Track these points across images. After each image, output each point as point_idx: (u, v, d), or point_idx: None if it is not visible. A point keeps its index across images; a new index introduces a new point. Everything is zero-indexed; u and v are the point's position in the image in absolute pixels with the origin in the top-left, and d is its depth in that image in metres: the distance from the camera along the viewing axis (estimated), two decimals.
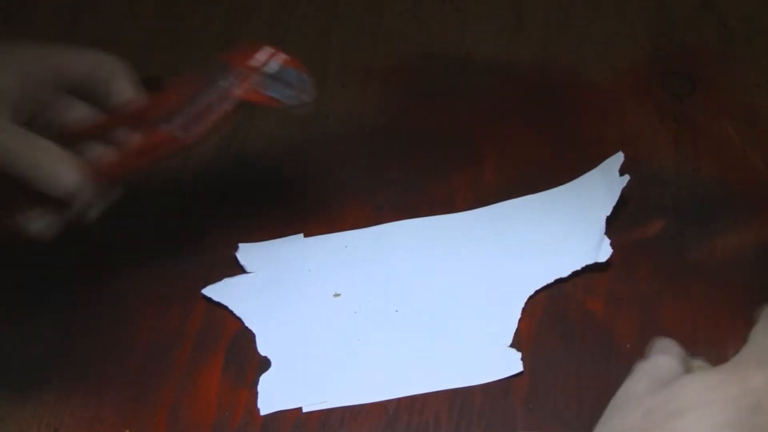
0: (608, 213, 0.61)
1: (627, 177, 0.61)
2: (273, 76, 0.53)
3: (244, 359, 0.58)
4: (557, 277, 0.59)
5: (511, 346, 0.56)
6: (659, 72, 0.74)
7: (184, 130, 0.52)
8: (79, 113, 0.55)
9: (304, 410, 0.55)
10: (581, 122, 0.70)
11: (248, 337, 0.58)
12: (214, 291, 0.61)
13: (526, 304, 0.59)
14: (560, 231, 0.62)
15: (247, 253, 0.63)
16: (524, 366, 0.55)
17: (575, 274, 0.59)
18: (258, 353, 0.58)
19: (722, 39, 0.76)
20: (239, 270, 0.62)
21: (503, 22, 0.80)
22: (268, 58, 0.53)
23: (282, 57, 0.53)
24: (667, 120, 0.70)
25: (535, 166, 0.67)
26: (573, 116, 0.71)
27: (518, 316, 0.58)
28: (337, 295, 0.60)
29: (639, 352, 0.56)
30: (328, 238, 0.64)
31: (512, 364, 0.55)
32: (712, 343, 0.56)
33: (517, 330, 0.57)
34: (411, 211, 0.65)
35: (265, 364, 0.57)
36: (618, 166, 0.62)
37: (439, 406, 0.54)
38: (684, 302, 0.59)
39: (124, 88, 0.54)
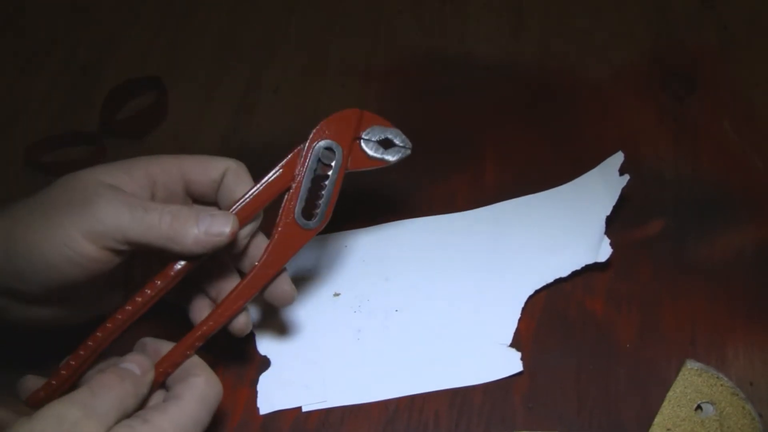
0: (608, 213, 0.61)
1: (627, 177, 0.61)
2: (375, 141, 0.53)
3: (244, 358, 0.58)
4: (557, 276, 0.59)
5: (511, 345, 0.57)
6: (659, 72, 0.74)
7: (314, 220, 0.51)
8: None
9: (304, 410, 0.55)
10: (581, 122, 0.70)
11: (248, 336, 0.58)
12: None
13: (526, 303, 0.59)
14: (560, 231, 0.62)
15: None
16: (524, 365, 0.55)
17: (575, 274, 0.59)
18: (257, 353, 0.58)
19: (722, 39, 0.76)
20: None
21: (503, 22, 0.80)
22: (364, 126, 0.53)
23: (375, 120, 0.53)
24: (667, 120, 0.70)
25: (535, 166, 0.67)
26: (573, 116, 0.71)
27: (518, 315, 0.58)
28: (336, 294, 0.60)
29: (639, 352, 0.56)
30: (328, 238, 0.64)
31: (512, 363, 0.55)
32: (712, 342, 0.56)
33: (517, 330, 0.57)
34: (411, 210, 0.65)
35: (264, 363, 0.57)
36: (618, 166, 0.62)
37: (438, 406, 0.54)
38: (684, 302, 0.59)
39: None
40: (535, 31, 0.79)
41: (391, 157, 0.53)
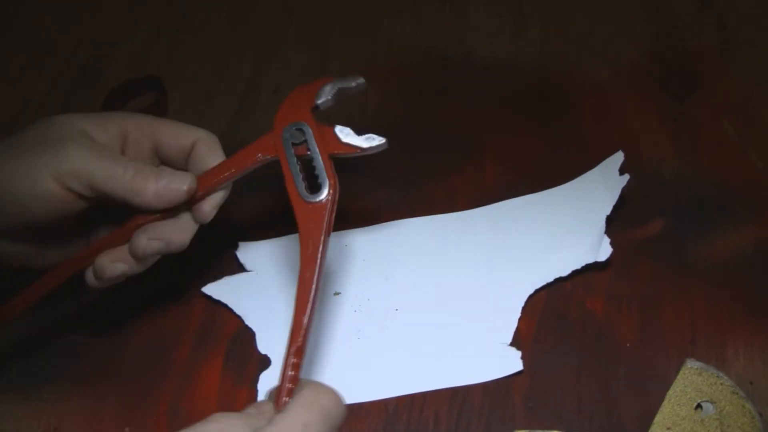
0: (608, 212, 0.61)
1: (627, 176, 0.61)
2: (350, 129, 0.53)
3: (244, 357, 0.58)
4: (557, 276, 0.59)
5: (511, 344, 0.57)
6: (659, 72, 0.74)
7: (322, 191, 0.51)
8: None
9: None
10: (581, 122, 0.70)
11: (248, 335, 0.58)
12: (214, 289, 0.61)
13: (526, 303, 0.59)
14: (560, 230, 0.62)
15: (246, 251, 0.63)
16: (524, 365, 0.55)
17: (575, 274, 0.59)
18: (258, 351, 0.58)
19: (722, 39, 0.76)
20: (239, 269, 0.62)
21: (503, 22, 0.80)
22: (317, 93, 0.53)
23: (323, 82, 0.54)
24: (667, 120, 0.70)
25: (535, 166, 0.67)
26: (573, 116, 0.71)
27: (518, 315, 0.58)
28: (337, 293, 0.60)
29: (639, 352, 0.56)
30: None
31: (512, 362, 0.56)
32: (712, 342, 0.56)
33: (517, 329, 0.57)
34: (411, 210, 0.65)
35: (264, 362, 0.57)
36: (618, 166, 0.62)
37: (439, 405, 0.54)
38: (684, 302, 0.59)
39: (218, 162, 0.54)
40: (535, 31, 0.79)
41: (363, 144, 0.52)
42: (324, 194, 0.51)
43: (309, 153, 0.52)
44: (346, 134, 0.52)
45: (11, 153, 0.50)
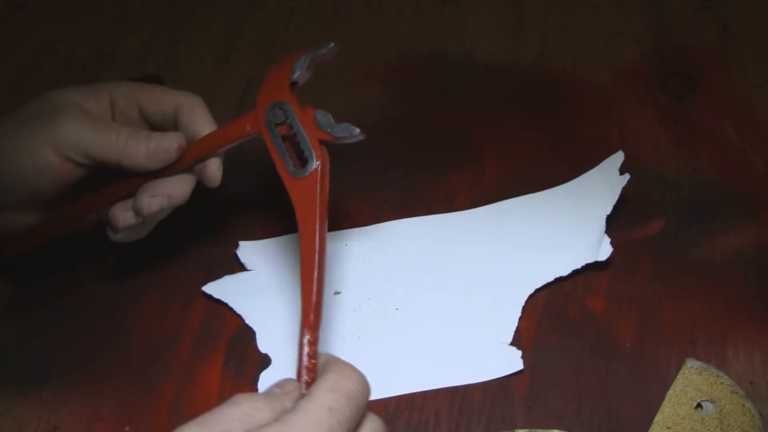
0: (608, 212, 0.61)
1: (627, 176, 0.61)
2: (329, 116, 0.52)
3: (244, 356, 0.58)
4: (557, 275, 0.59)
5: (511, 344, 0.56)
6: (659, 72, 0.74)
7: (309, 164, 0.51)
8: None
9: None
10: (581, 122, 0.71)
11: (248, 334, 0.58)
12: (215, 288, 0.61)
13: (526, 302, 0.59)
14: (560, 230, 0.62)
15: (247, 250, 0.63)
16: (524, 364, 0.55)
17: (575, 273, 0.59)
18: (258, 350, 0.58)
19: (722, 39, 0.76)
20: (239, 267, 0.62)
21: (503, 22, 0.80)
22: (291, 68, 0.53)
23: (295, 57, 0.53)
24: (667, 120, 0.70)
25: (535, 166, 0.67)
26: (573, 116, 0.71)
27: (518, 314, 0.58)
28: (337, 293, 0.60)
29: (639, 351, 0.56)
30: (329, 236, 0.63)
31: (512, 362, 0.55)
32: (712, 342, 0.56)
33: (517, 328, 0.57)
34: (411, 210, 0.65)
35: (265, 361, 0.57)
36: (618, 165, 0.62)
37: (439, 404, 0.54)
38: (684, 302, 0.59)
39: (204, 126, 0.56)
40: (536, 31, 0.79)
41: (338, 134, 0.51)
42: (312, 166, 0.50)
43: (293, 130, 0.51)
44: (324, 121, 0.51)
45: (9, 129, 0.53)
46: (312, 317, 0.48)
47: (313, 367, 0.46)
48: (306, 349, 0.47)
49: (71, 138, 0.52)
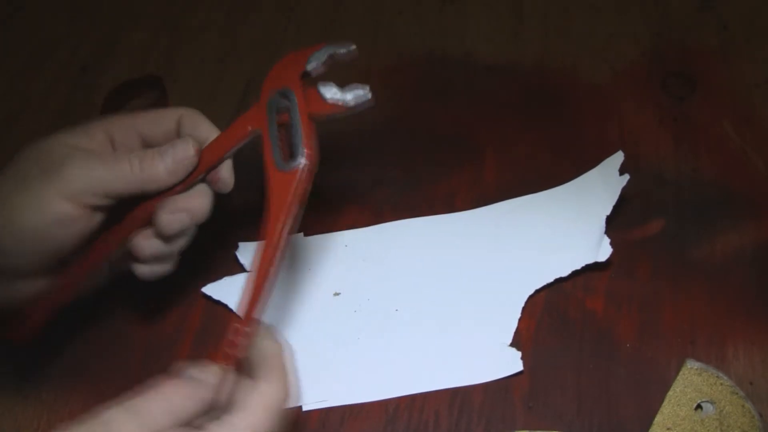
0: (608, 212, 0.61)
1: (627, 176, 0.61)
2: (334, 85, 0.51)
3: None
4: (557, 276, 0.59)
5: (511, 345, 0.57)
6: (659, 72, 0.74)
7: (297, 158, 0.50)
8: None
9: (304, 409, 0.55)
10: (581, 122, 0.70)
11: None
12: (214, 289, 0.61)
13: (526, 303, 0.59)
14: (560, 230, 0.62)
15: (247, 251, 0.63)
16: (524, 365, 0.55)
17: (575, 274, 0.59)
18: None
19: (722, 39, 0.76)
20: (239, 269, 0.62)
21: (503, 22, 0.80)
22: (306, 60, 0.51)
23: (315, 48, 0.52)
24: (667, 120, 0.70)
25: (535, 166, 0.67)
26: (573, 116, 0.71)
27: (518, 315, 0.58)
28: (337, 294, 0.60)
29: (639, 352, 0.56)
30: (328, 237, 0.64)
31: (512, 363, 0.55)
32: (712, 342, 0.56)
33: (517, 329, 0.57)
34: (411, 210, 0.65)
35: None
36: (618, 166, 0.62)
37: (439, 405, 0.54)
38: (684, 302, 0.59)
39: (209, 131, 0.53)
40: (535, 31, 0.79)
41: (349, 98, 0.50)
42: (297, 163, 0.49)
43: (291, 119, 0.50)
44: (330, 92, 0.50)
45: (11, 188, 0.48)
46: (246, 310, 0.48)
47: (231, 355, 0.46)
48: (230, 336, 0.46)
49: (84, 182, 0.48)
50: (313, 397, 0.55)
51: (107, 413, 0.40)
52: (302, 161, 0.49)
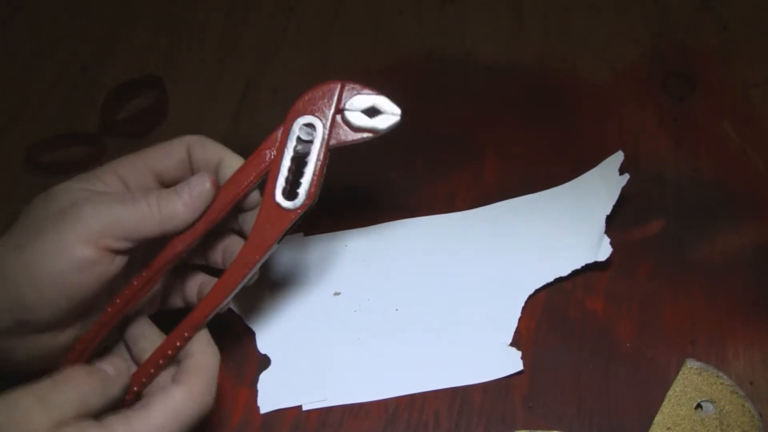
0: (608, 212, 0.61)
1: (627, 176, 0.61)
2: (360, 111, 0.50)
3: (244, 357, 0.58)
4: (557, 276, 0.59)
5: (511, 344, 0.56)
6: (659, 72, 0.74)
7: (296, 200, 0.49)
8: None
9: (304, 408, 0.55)
10: (581, 122, 0.70)
11: (248, 335, 0.58)
12: None
13: (526, 303, 0.59)
14: (560, 230, 0.62)
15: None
16: (524, 365, 0.55)
17: (575, 273, 0.59)
18: (258, 351, 0.57)
19: (722, 39, 0.76)
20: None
21: (503, 22, 0.80)
22: (347, 97, 0.50)
23: (358, 89, 0.51)
24: (667, 120, 0.70)
25: (535, 166, 0.67)
26: (573, 116, 0.71)
27: (518, 315, 0.58)
28: (337, 293, 0.60)
29: (639, 352, 0.56)
30: (328, 237, 0.64)
31: (512, 362, 0.55)
32: (712, 342, 0.56)
33: (517, 329, 0.57)
34: (411, 210, 0.65)
35: (264, 362, 0.57)
36: (618, 166, 0.62)
37: (439, 405, 0.54)
38: (684, 302, 0.59)
39: (220, 154, 0.51)
40: (535, 31, 0.79)
41: (380, 125, 0.50)
42: (297, 202, 0.49)
43: (307, 157, 0.50)
44: (359, 119, 0.50)
45: (26, 237, 0.45)
46: (196, 316, 0.48)
47: (158, 367, 0.47)
48: (168, 352, 0.47)
49: (102, 223, 0.45)
50: (313, 397, 0.55)
51: (13, 396, 0.40)
52: (303, 202, 0.49)
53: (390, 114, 0.51)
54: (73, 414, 0.41)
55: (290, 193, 0.49)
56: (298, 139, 0.50)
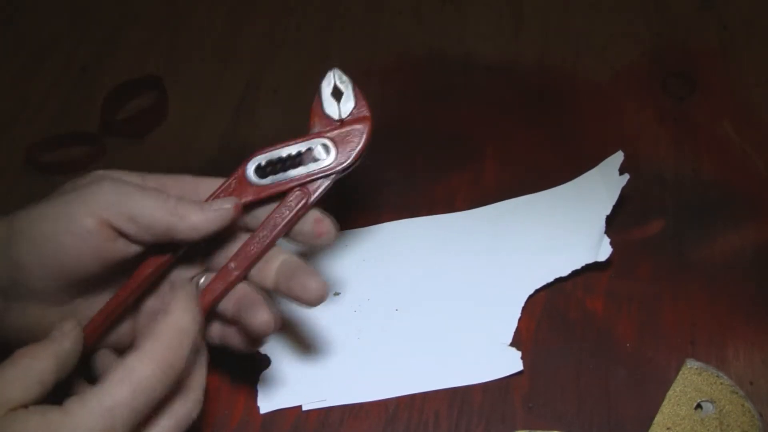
0: (608, 212, 0.61)
1: (627, 176, 0.61)
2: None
3: (244, 357, 0.57)
4: (557, 276, 0.59)
5: (511, 345, 0.56)
6: (659, 72, 0.74)
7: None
8: None
9: (304, 408, 0.55)
10: (581, 122, 0.70)
11: None
12: None
13: (526, 303, 0.59)
14: (560, 230, 0.62)
15: None
16: (524, 365, 0.55)
17: (575, 274, 0.59)
18: (258, 351, 0.57)
19: (722, 39, 0.76)
20: None
21: (503, 22, 0.80)
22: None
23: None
24: (667, 120, 0.70)
25: (535, 166, 0.67)
26: (573, 116, 0.71)
27: (518, 315, 0.58)
28: (337, 293, 0.60)
29: (639, 352, 0.56)
30: None
31: (512, 363, 0.55)
32: (712, 342, 0.56)
33: (517, 329, 0.57)
34: (411, 210, 0.65)
35: (264, 362, 0.57)
36: (618, 166, 0.62)
37: (438, 405, 0.54)
38: (684, 302, 0.59)
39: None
40: (535, 31, 0.79)
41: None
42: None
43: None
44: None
45: (45, 202, 0.46)
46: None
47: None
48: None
49: (113, 198, 0.45)
50: (313, 397, 0.55)
51: None
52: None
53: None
54: (21, 399, 0.39)
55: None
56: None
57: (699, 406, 0.52)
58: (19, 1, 0.88)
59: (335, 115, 0.51)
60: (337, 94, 0.51)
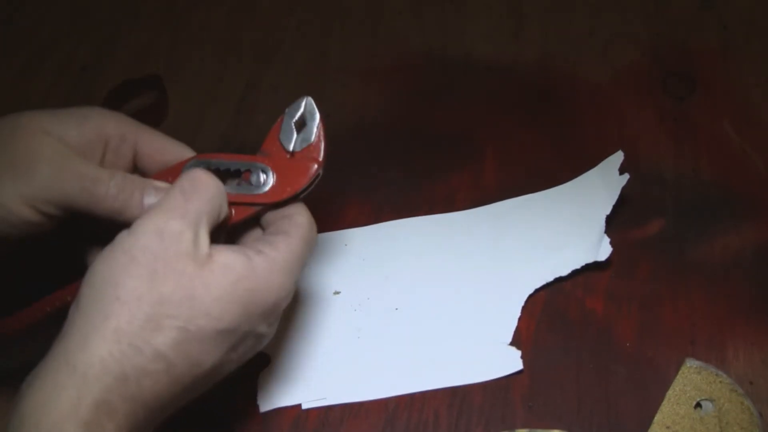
0: (608, 212, 0.61)
1: (627, 176, 0.61)
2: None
3: None
4: (557, 275, 0.59)
5: (511, 344, 0.56)
6: (659, 72, 0.74)
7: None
8: None
9: (304, 407, 0.55)
10: (581, 122, 0.70)
11: None
12: None
13: (526, 302, 0.59)
14: (560, 230, 0.62)
15: None
16: (524, 364, 0.55)
17: (575, 273, 0.59)
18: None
19: (722, 39, 0.76)
20: None
21: (503, 22, 0.80)
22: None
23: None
24: (667, 120, 0.70)
25: (535, 166, 0.67)
26: (573, 116, 0.71)
27: (518, 314, 0.58)
28: (336, 292, 0.60)
29: (639, 351, 0.56)
30: (328, 236, 0.64)
31: (512, 362, 0.55)
32: (712, 342, 0.56)
33: (516, 328, 0.57)
34: (411, 210, 0.65)
35: (264, 361, 0.57)
36: (618, 165, 0.62)
37: (438, 404, 0.54)
38: (684, 302, 0.59)
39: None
40: (535, 31, 0.79)
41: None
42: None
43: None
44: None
45: None
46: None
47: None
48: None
49: (51, 192, 0.43)
50: (313, 396, 0.55)
51: (156, 220, 0.42)
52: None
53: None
54: (208, 224, 0.44)
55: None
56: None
57: (698, 404, 0.52)
58: (19, 1, 0.88)
59: (289, 146, 0.49)
60: (300, 124, 0.49)
